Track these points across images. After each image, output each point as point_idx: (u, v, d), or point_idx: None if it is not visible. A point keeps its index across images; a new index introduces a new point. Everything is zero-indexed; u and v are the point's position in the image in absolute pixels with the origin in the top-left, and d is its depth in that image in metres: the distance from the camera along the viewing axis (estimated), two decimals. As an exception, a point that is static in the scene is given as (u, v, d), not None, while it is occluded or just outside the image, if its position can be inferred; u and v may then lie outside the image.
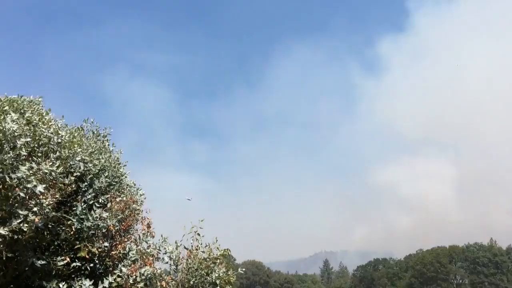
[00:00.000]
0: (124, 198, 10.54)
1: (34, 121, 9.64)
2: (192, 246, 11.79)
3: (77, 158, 9.84)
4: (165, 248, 11.30)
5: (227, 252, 12.14)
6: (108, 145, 12.44)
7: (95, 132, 12.37)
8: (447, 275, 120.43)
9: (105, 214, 9.79)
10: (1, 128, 7.92)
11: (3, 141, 8.07)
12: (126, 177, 12.09)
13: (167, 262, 11.31)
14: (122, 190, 11.24)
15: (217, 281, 11.04)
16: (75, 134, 10.46)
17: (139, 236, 11.26)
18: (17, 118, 8.28)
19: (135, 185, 12.39)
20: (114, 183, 10.94)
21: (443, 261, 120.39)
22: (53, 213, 9.10)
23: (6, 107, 8.74)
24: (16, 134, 8.12)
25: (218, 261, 11.53)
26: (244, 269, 14.97)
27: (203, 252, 11.71)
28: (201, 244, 11.85)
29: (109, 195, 10.38)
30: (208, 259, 11.40)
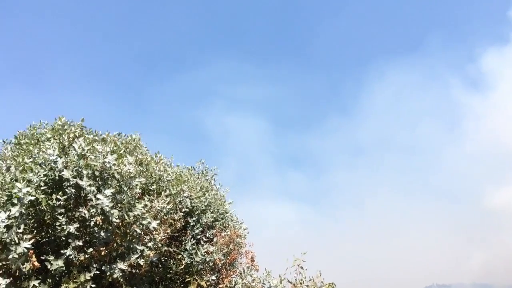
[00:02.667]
0: (229, 233, 10.86)
1: (145, 161, 10.56)
2: (296, 279, 11.64)
3: (184, 195, 10.45)
4: (269, 282, 11.30)
5: (332, 287, 11.76)
6: (214, 184, 13.21)
7: (204, 172, 13.26)
8: None
9: (211, 249, 10.15)
10: (120, 170, 8.72)
11: (121, 182, 8.87)
12: (229, 210, 12.57)
13: (272, 296, 11.27)
14: (227, 225, 11.62)
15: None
16: (182, 173, 11.16)
17: (244, 270, 11.44)
18: (133, 161, 9.08)
19: (237, 218, 12.82)
20: (219, 218, 11.43)
21: None
22: (165, 248, 9.68)
23: (122, 151, 9.64)
24: (132, 175, 8.88)
25: (324, 295, 11.19)
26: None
27: (308, 286, 11.48)
28: (305, 277, 11.65)
29: (215, 230, 10.79)
30: (313, 294, 11.13)
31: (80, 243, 8.25)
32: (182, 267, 10.08)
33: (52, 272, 8.11)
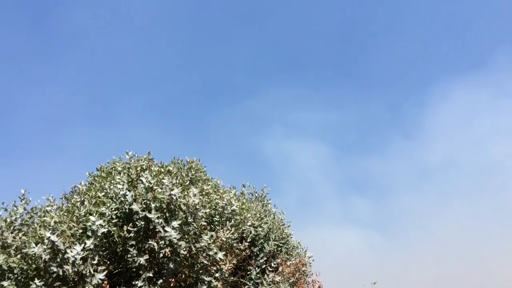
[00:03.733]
0: (294, 261, 10.66)
1: (208, 191, 10.72)
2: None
3: (248, 224, 10.45)
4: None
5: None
6: (270, 207, 13.11)
7: (254, 194, 13.22)
8: None
9: (277, 278, 9.99)
10: (186, 202, 8.92)
11: (187, 214, 9.05)
12: (291, 237, 12.37)
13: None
14: (291, 253, 11.43)
15: None
16: (244, 201, 11.20)
17: (311, 300, 11.14)
18: (198, 192, 9.25)
19: (300, 245, 12.57)
20: (281, 244, 11.28)
21: None
22: (231, 278, 9.66)
23: (188, 182, 9.87)
24: (197, 206, 9.04)
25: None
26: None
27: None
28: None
29: (279, 259, 10.64)
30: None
31: (150, 275, 8.46)
32: (249, 297, 9.99)
33: (125, 303, 8.35)
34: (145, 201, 8.91)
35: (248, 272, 10.45)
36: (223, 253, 8.84)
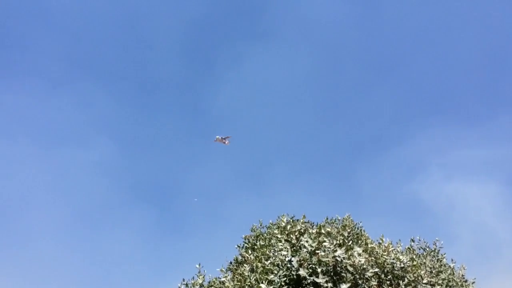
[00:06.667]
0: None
1: (373, 249, 10.19)
2: None
3: (424, 281, 9.52)
4: None
5: None
6: (446, 261, 11.82)
7: (426, 249, 12.10)
8: None
9: None
10: (351, 262, 8.60)
11: (355, 274, 8.67)
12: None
13: None
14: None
15: None
16: (413, 256, 10.33)
17: None
18: (362, 251, 8.87)
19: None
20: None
21: None
22: None
23: (349, 242, 9.57)
24: (364, 266, 8.63)
25: None
26: None
27: None
28: None
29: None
30: None
31: None
32: None
33: None
34: (311, 265, 8.85)
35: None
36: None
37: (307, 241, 9.46)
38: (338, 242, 9.56)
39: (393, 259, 9.33)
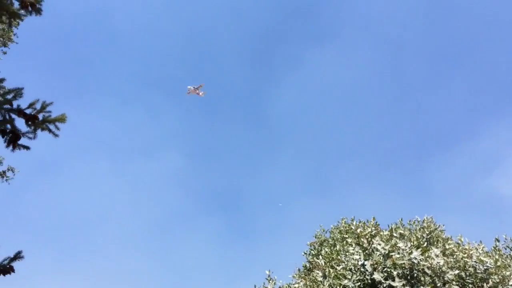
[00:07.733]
0: None
1: (450, 250, 9.67)
2: None
3: (510, 283, 8.87)
4: None
5: None
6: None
7: None
8: None
9: None
10: (429, 265, 8.24)
11: (434, 277, 8.29)
12: None
13: None
14: None
15: None
16: (497, 257, 9.67)
17: None
18: (440, 252, 8.47)
19: None
20: None
21: None
22: None
23: (425, 243, 9.19)
24: (443, 268, 8.23)
25: None
26: None
27: None
28: None
29: None
30: None
31: None
32: None
33: None
34: (385, 268, 8.59)
35: None
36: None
37: (379, 244, 9.20)
38: (413, 243, 9.21)
39: (475, 261, 8.79)
